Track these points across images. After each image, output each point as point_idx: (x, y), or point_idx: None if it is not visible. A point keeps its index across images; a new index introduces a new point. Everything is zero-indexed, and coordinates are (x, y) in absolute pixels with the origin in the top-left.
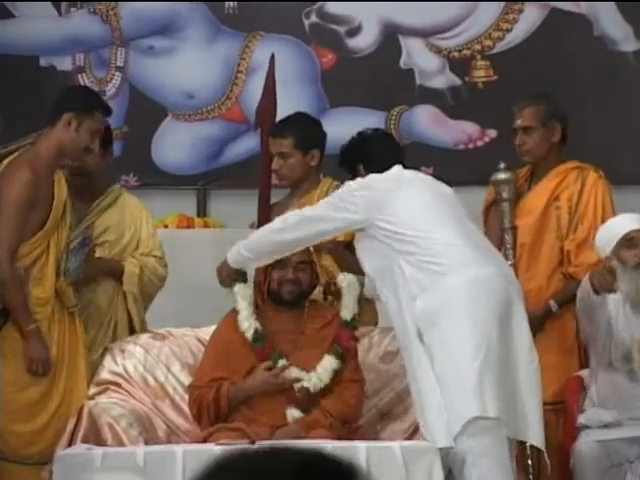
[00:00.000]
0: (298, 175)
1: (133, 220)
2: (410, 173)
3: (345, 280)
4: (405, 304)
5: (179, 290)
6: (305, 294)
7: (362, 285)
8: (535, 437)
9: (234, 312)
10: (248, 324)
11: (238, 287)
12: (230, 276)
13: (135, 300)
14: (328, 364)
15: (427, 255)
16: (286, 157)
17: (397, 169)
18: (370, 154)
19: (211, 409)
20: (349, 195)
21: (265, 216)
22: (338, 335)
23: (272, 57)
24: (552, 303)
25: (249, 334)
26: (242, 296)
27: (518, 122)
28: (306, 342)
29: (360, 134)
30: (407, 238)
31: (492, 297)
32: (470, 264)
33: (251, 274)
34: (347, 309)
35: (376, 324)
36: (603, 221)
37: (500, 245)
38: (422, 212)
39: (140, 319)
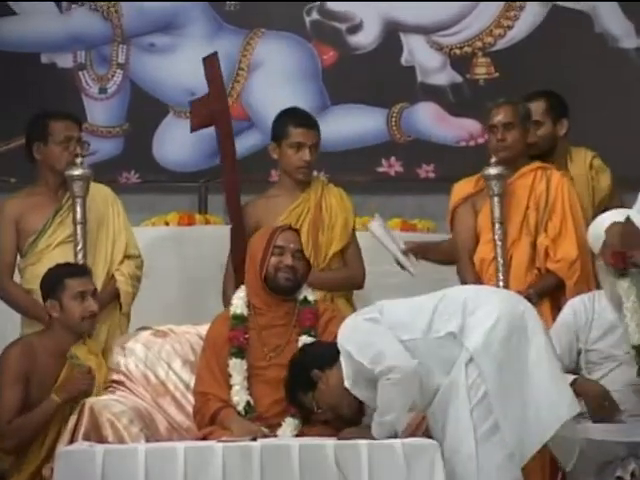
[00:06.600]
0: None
1: (103, 213)
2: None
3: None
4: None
5: (181, 287)
6: (299, 284)
7: None
8: None
9: (226, 313)
10: (239, 398)
11: (234, 362)
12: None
13: (127, 316)
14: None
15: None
16: (316, 148)
17: None
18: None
19: (207, 423)
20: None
21: (237, 214)
22: (300, 316)
23: (215, 54)
24: (532, 292)
25: (240, 407)
26: (237, 371)
27: (498, 118)
28: (297, 336)
29: (296, 364)
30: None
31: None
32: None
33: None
34: (300, 291)
35: None
36: (573, 215)
37: (472, 244)
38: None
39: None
